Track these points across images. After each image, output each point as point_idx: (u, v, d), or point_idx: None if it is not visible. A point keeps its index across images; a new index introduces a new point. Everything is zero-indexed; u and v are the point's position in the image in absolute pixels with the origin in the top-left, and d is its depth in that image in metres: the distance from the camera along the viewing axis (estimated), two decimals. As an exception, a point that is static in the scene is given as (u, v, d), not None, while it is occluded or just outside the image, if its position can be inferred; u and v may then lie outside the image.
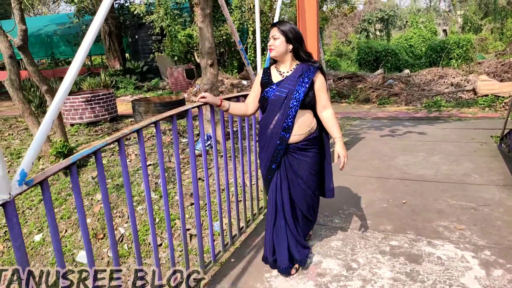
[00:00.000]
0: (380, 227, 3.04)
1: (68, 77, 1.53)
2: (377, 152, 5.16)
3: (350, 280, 2.39)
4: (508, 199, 3.41)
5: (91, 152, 1.63)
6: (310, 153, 2.38)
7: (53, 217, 1.50)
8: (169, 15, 13.58)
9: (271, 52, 2.33)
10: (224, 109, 2.46)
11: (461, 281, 2.32)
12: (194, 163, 2.35)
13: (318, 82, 2.33)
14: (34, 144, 1.40)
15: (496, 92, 8.34)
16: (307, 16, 3.79)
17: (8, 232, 5.45)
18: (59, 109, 1.55)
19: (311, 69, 2.31)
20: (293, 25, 2.32)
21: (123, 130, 1.85)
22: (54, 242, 1.49)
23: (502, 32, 17.39)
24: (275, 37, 2.29)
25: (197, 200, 2.44)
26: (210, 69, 6.22)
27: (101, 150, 1.66)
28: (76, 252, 4.94)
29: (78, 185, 1.63)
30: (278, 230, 2.43)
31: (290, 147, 2.35)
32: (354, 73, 11.04)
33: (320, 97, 2.34)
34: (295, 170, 2.39)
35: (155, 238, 2.13)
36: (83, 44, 1.62)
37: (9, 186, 1.29)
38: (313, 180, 2.43)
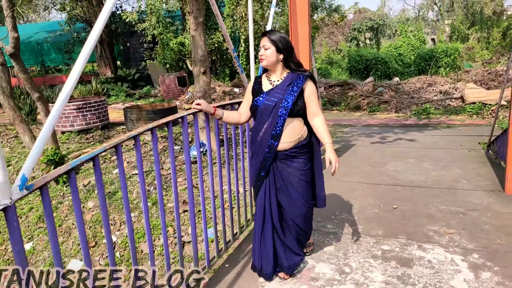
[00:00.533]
0: (372, 232, 3.09)
1: (69, 83, 1.56)
2: (368, 158, 5.23)
3: (343, 284, 2.43)
4: (496, 204, 3.49)
5: (89, 158, 1.65)
6: (300, 160, 2.39)
7: (52, 222, 1.52)
8: (161, 23, 13.65)
9: (262, 61, 2.35)
10: (218, 117, 2.48)
11: (451, 283, 2.37)
12: (189, 170, 2.38)
13: (307, 90, 2.35)
14: (35, 150, 1.43)
15: (483, 100, 8.52)
16: (299, 25, 3.87)
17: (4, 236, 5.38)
18: (60, 115, 1.57)
19: (301, 78, 2.33)
20: (283, 34, 2.34)
21: (120, 136, 1.88)
22: (53, 246, 1.50)
23: (489, 41, 17.78)
24: (266, 47, 2.31)
25: (192, 207, 2.46)
26: (203, 77, 6.27)
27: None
28: (67, 260, 4.90)
29: (77, 190, 1.65)
30: (266, 235, 2.45)
31: (279, 154, 2.38)
32: (345, 81, 11.19)
33: (310, 104, 2.37)
34: (284, 177, 2.40)
35: (150, 241, 2.15)
36: (84, 51, 1.65)
37: (10, 191, 1.31)
38: (304, 188, 2.42)
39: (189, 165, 2.38)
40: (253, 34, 12.90)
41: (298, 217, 2.44)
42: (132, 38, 16.88)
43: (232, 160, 2.72)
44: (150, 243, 2.16)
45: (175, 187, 2.29)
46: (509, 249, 2.73)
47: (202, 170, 5.43)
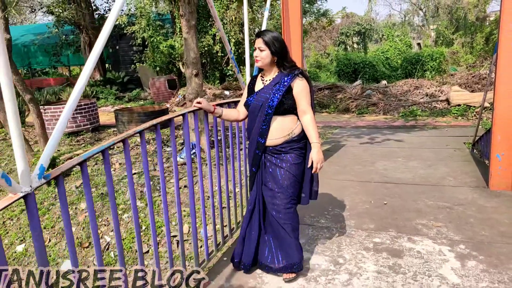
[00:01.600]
0: (364, 226, 3.21)
1: (81, 80, 1.64)
2: (358, 158, 5.37)
3: (337, 274, 2.53)
4: (480, 199, 3.65)
5: (99, 151, 1.73)
6: (289, 156, 2.41)
7: (66, 211, 1.58)
8: (151, 26, 13.68)
9: (257, 62, 2.40)
10: (217, 115, 2.56)
11: (439, 272, 2.50)
12: (190, 168, 2.47)
13: (296, 87, 2.36)
14: (52, 141, 1.50)
15: (468, 102, 8.78)
16: (291, 27, 3.99)
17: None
18: (73, 109, 1.65)
19: (289, 76, 2.36)
20: (277, 35, 2.37)
21: (127, 131, 1.95)
22: (68, 238, 1.57)
23: (472, 46, 18.24)
24: (261, 49, 2.35)
25: (193, 202, 2.54)
26: (195, 79, 6.34)
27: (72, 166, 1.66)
28: (60, 261, 4.91)
29: (89, 184, 1.72)
30: (252, 228, 2.54)
31: (269, 149, 2.44)
32: (333, 84, 11.38)
33: (299, 102, 2.37)
34: (271, 171, 2.44)
35: (155, 237, 2.22)
36: (94, 51, 1.73)
37: (30, 180, 1.39)
38: (289, 181, 2.41)
39: (190, 166, 2.46)
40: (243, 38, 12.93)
41: (279, 212, 2.42)
42: (121, 41, 16.85)
43: (224, 161, 2.78)
44: (155, 245, 2.23)
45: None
46: (492, 240, 2.87)
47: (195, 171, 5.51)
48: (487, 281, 2.38)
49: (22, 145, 1.39)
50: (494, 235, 2.95)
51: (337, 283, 2.44)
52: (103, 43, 1.81)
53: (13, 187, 1.34)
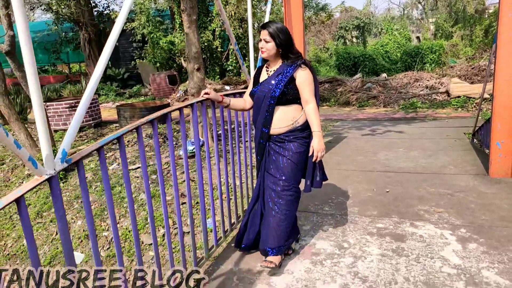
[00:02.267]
0: (367, 212, 3.29)
1: (95, 76, 1.71)
2: (360, 149, 5.44)
3: (342, 257, 2.61)
4: (480, 185, 3.73)
5: (115, 137, 1.80)
6: (293, 145, 2.45)
7: (87, 194, 1.65)
8: (150, 22, 13.70)
9: (263, 54, 2.44)
10: (225, 105, 2.61)
11: (441, 254, 2.58)
12: (199, 160, 2.53)
13: (299, 77, 2.39)
14: (71, 129, 1.58)
15: (468, 94, 8.84)
16: (293, 20, 4.04)
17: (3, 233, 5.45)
18: (91, 98, 1.71)
19: (292, 66, 2.40)
20: (282, 26, 2.39)
21: (150, 116, 2.01)
22: (88, 221, 1.64)
23: (471, 39, 18.24)
24: (266, 40, 2.38)
25: (203, 192, 2.61)
26: (197, 73, 6.39)
27: (91, 154, 1.72)
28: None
29: (106, 167, 1.79)
30: (255, 213, 2.65)
31: (273, 138, 2.50)
32: (334, 78, 11.43)
33: (301, 92, 2.40)
34: (273, 160, 2.50)
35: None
36: (105, 51, 1.81)
37: (53, 163, 1.46)
38: (291, 169, 2.45)
39: (199, 156, 2.53)
40: (242, 32, 12.92)
41: (279, 197, 2.46)
42: (121, 38, 16.85)
43: (229, 154, 2.81)
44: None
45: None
46: (493, 224, 2.95)
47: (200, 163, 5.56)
48: (487, 262, 2.45)
49: (46, 130, 1.46)
50: (494, 219, 3.02)
51: (342, 266, 2.52)
52: (114, 40, 1.87)
53: (39, 169, 1.41)
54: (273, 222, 2.48)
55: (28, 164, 1.35)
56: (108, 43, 1.88)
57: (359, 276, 2.39)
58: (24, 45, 1.36)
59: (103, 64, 1.82)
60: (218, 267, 2.58)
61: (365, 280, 2.35)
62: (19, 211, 1.40)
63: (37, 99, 1.40)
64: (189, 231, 3.97)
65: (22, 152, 1.31)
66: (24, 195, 1.38)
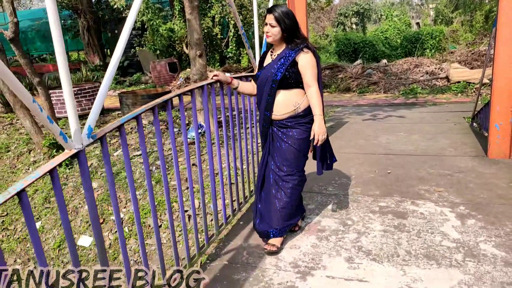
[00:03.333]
0: (369, 192, 3.40)
1: (116, 54, 1.79)
2: (361, 133, 5.54)
3: (346, 233, 2.73)
4: (479, 166, 3.84)
5: (133, 117, 1.88)
6: (295, 131, 2.47)
7: (110, 169, 1.74)
8: (150, 9, 13.64)
9: (268, 38, 2.43)
10: (234, 87, 2.63)
11: (441, 229, 2.70)
12: (210, 147, 2.63)
13: (301, 61, 2.39)
14: (96, 105, 1.67)
15: (467, 79, 8.90)
16: (296, 3, 4.09)
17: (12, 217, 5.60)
18: (111, 80, 1.79)
19: (294, 50, 2.40)
20: (287, 10, 2.38)
21: (164, 97, 2.09)
22: (112, 199, 1.75)
23: (472, 25, 18.19)
24: (272, 25, 2.37)
25: (213, 174, 2.71)
26: (199, 60, 6.44)
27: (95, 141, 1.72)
28: (76, 236, 5.13)
29: (126, 145, 1.88)
30: (264, 196, 2.68)
31: (275, 123, 2.52)
32: (334, 64, 11.46)
33: (304, 75, 2.40)
34: (276, 147, 2.52)
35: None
36: (124, 31, 1.88)
37: (81, 138, 1.55)
38: (294, 156, 2.49)
39: (218, 143, 2.61)
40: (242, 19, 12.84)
41: (282, 187, 2.53)
42: (120, 25, 16.78)
43: (231, 140, 2.87)
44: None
45: (176, 164, 2.52)
46: (490, 202, 3.06)
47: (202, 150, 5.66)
48: (485, 236, 2.58)
49: (74, 106, 1.55)
50: (492, 197, 3.14)
51: (346, 241, 2.64)
52: (128, 33, 1.95)
53: (69, 144, 1.50)
54: (277, 205, 2.54)
55: (59, 138, 1.44)
56: (123, 35, 1.95)
57: (363, 250, 2.51)
58: (54, 28, 1.44)
59: (121, 50, 1.90)
60: (228, 243, 2.70)
61: (369, 254, 2.47)
62: (52, 182, 1.49)
63: (66, 78, 1.48)
64: (199, 213, 4.09)
65: (54, 127, 1.40)
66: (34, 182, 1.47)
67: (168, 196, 2.28)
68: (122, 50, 1.90)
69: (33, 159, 7.01)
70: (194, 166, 5.19)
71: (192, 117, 2.60)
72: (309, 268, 2.37)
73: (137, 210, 2.00)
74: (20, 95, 1.26)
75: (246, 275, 2.33)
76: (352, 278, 2.25)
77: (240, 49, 14.30)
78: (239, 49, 14.34)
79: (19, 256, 5.33)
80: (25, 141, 7.67)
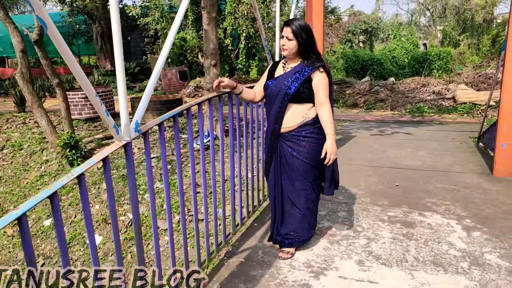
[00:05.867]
0: (378, 202, 3.53)
1: (162, 56, 1.96)
2: (369, 147, 5.68)
3: (357, 239, 2.85)
4: (485, 183, 3.96)
5: (171, 115, 2.03)
6: (307, 142, 2.45)
7: (149, 162, 1.88)
8: (164, 18, 13.99)
9: (284, 51, 2.43)
10: (238, 91, 2.57)
11: (447, 239, 2.82)
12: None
13: (315, 79, 2.40)
14: (142, 103, 1.82)
15: (474, 100, 9.06)
16: (314, 21, 4.28)
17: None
18: (156, 81, 1.95)
19: (310, 67, 2.40)
20: (305, 24, 2.38)
21: (185, 105, 2.25)
22: (150, 188, 1.88)
23: (479, 48, 18.47)
24: (289, 38, 2.37)
25: (233, 181, 2.85)
26: (213, 69, 6.65)
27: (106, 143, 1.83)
28: (86, 235, 5.25)
29: (164, 141, 2.02)
30: (278, 212, 2.65)
31: (284, 136, 2.51)
32: (342, 80, 11.67)
33: (317, 94, 2.41)
34: (289, 163, 2.49)
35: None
36: (172, 29, 2.05)
37: (129, 132, 1.70)
38: (308, 170, 2.49)
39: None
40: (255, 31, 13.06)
41: (298, 198, 2.53)
42: (133, 32, 17.16)
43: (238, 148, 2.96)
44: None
45: (193, 167, 2.66)
46: (496, 216, 3.19)
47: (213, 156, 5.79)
48: (490, 247, 2.69)
49: (125, 103, 1.70)
50: (497, 212, 3.26)
51: (357, 246, 2.76)
52: (179, 22, 2.12)
53: (120, 136, 1.65)
54: (297, 217, 2.56)
55: (112, 130, 1.60)
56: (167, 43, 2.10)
57: (373, 255, 2.63)
58: (115, 26, 1.59)
59: (164, 56, 2.04)
60: (244, 242, 2.82)
61: (379, 258, 2.59)
62: (104, 168, 1.64)
63: (121, 75, 1.63)
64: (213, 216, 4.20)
65: (109, 120, 1.55)
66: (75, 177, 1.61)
67: (182, 198, 2.30)
68: (169, 48, 2.04)
69: (46, 158, 7.18)
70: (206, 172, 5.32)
71: (209, 125, 2.71)
72: (322, 268, 2.49)
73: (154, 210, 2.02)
74: (86, 90, 1.41)
75: (262, 272, 2.46)
76: (363, 279, 2.37)
77: (250, 61, 14.58)
78: (248, 61, 14.62)
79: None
80: (37, 140, 7.85)
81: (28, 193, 6.55)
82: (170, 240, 2.17)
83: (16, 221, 1.22)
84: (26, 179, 6.84)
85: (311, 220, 2.64)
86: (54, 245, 5.38)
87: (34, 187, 6.63)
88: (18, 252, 5.55)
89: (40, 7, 1.16)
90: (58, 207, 1.41)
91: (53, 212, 1.41)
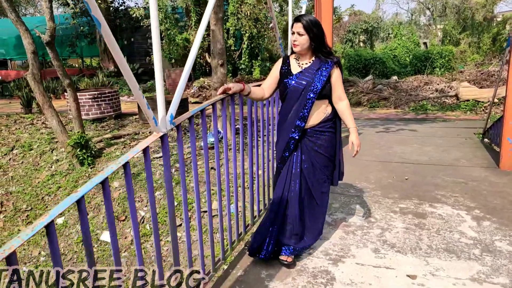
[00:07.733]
0: (389, 195, 3.64)
1: (190, 60, 2.07)
2: (375, 143, 5.79)
3: (371, 229, 2.96)
4: (491, 176, 4.07)
5: (201, 109, 2.14)
6: (326, 136, 2.50)
7: (182, 154, 1.98)
8: (168, 19, 14.11)
9: (295, 47, 2.42)
10: (246, 93, 2.55)
11: (458, 228, 2.93)
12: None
13: (334, 75, 2.45)
14: (175, 99, 1.93)
15: (477, 98, 9.16)
16: (323, 17, 4.38)
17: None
18: (185, 83, 2.05)
19: (329, 63, 2.42)
20: (315, 19, 2.38)
21: (200, 106, 2.36)
22: (182, 182, 1.99)
23: (479, 46, 18.57)
24: (300, 33, 2.36)
25: (243, 179, 2.95)
26: (221, 69, 6.76)
27: (115, 143, 1.92)
28: (99, 232, 5.36)
29: (194, 135, 2.12)
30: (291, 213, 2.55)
31: (307, 131, 2.50)
32: (346, 78, 11.78)
33: (335, 89, 2.47)
34: (312, 157, 2.51)
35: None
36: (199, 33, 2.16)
37: (166, 124, 1.81)
38: (326, 164, 2.54)
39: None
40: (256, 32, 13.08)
41: (319, 197, 2.55)
42: (136, 34, 17.28)
43: (247, 147, 3.02)
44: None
45: (207, 167, 2.76)
46: (504, 207, 3.29)
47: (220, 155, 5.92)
48: (500, 235, 2.80)
49: (163, 95, 1.81)
50: (505, 203, 3.37)
51: (372, 235, 2.87)
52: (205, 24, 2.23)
53: (158, 127, 1.76)
54: (316, 214, 2.57)
55: (151, 122, 1.70)
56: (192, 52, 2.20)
57: (387, 243, 2.74)
58: (154, 30, 1.70)
59: (193, 58, 2.15)
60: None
61: (393, 246, 2.70)
62: (144, 158, 1.74)
63: (159, 73, 1.74)
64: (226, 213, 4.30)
65: (149, 112, 1.66)
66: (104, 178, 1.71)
67: (198, 195, 2.31)
68: (197, 50, 2.14)
69: (56, 158, 7.28)
70: (213, 169, 5.43)
71: (231, 124, 2.69)
72: (340, 256, 2.60)
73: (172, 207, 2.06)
74: (131, 85, 1.52)
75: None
76: (380, 265, 2.48)
77: (253, 61, 14.70)
78: (251, 61, 14.74)
79: (43, 249, 5.56)
80: (46, 140, 7.96)
81: (40, 192, 6.66)
82: (186, 236, 2.22)
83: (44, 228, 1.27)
84: (38, 179, 6.94)
85: (324, 220, 2.63)
86: (67, 242, 5.49)
87: (45, 186, 6.73)
88: (32, 250, 5.65)
89: (96, 7, 1.27)
90: (84, 210, 1.42)
91: (79, 215, 1.43)
